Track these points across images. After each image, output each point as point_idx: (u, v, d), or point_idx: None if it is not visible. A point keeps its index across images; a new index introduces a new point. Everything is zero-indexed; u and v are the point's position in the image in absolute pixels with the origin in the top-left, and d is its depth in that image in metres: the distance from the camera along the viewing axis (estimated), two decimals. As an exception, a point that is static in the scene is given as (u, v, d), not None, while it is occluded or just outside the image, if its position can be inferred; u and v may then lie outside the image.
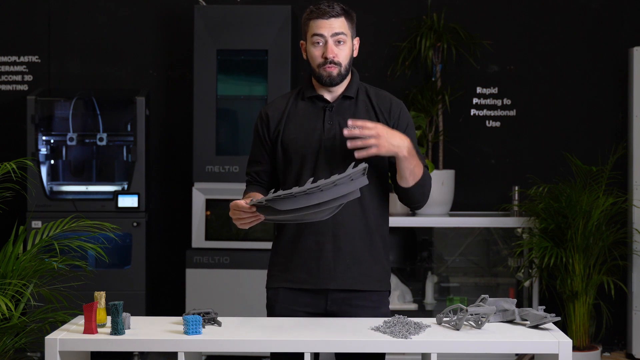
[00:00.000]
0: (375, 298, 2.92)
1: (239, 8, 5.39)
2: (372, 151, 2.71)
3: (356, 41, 2.94)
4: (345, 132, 2.72)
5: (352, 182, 2.58)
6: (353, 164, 2.59)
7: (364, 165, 2.58)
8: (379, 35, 5.64)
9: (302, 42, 2.95)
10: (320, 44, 2.86)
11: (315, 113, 2.93)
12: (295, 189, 2.56)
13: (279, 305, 2.92)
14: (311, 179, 2.59)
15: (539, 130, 5.67)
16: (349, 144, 2.71)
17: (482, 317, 2.65)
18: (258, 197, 2.86)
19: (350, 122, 2.74)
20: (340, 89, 2.94)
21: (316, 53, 2.87)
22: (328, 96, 2.93)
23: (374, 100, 2.94)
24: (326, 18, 2.85)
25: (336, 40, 2.86)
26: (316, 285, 2.88)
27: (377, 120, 2.90)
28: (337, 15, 2.86)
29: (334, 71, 2.87)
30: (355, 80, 2.96)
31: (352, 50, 2.92)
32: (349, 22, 2.89)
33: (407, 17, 5.61)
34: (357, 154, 2.71)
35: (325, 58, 2.85)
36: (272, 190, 2.65)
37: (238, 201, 2.74)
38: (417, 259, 5.52)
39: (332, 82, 2.88)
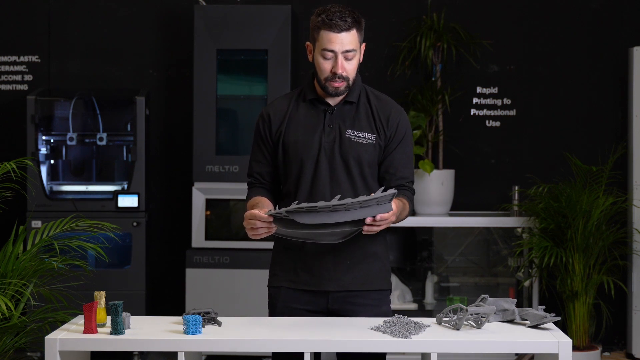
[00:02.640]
0: (376, 297, 2.92)
1: (239, 8, 5.39)
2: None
3: (362, 47, 2.92)
4: (366, 228, 2.66)
5: (377, 206, 2.56)
6: (382, 188, 2.57)
7: (393, 191, 2.55)
8: (378, 35, 5.63)
9: (308, 43, 2.91)
10: (330, 59, 2.84)
11: (316, 115, 2.92)
12: (321, 203, 2.52)
13: (280, 303, 2.92)
14: (338, 197, 2.56)
15: (539, 130, 5.67)
16: (366, 229, 2.66)
17: (482, 317, 2.65)
18: (264, 202, 2.84)
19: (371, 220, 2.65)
20: None
21: (325, 66, 2.85)
22: (329, 99, 2.92)
23: (374, 107, 2.93)
24: (337, 32, 2.81)
25: (346, 57, 2.84)
26: (317, 286, 2.89)
27: (375, 127, 2.90)
28: (348, 29, 2.81)
29: (342, 86, 2.86)
30: (358, 84, 2.94)
31: (359, 59, 2.90)
32: (359, 33, 2.86)
33: (407, 17, 5.61)
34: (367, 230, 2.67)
35: (334, 73, 2.84)
36: (295, 202, 2.61)
37: (254, 211, 2.70)
38: (417, 258, 5.52)
39: (337, 95, 2.89)
